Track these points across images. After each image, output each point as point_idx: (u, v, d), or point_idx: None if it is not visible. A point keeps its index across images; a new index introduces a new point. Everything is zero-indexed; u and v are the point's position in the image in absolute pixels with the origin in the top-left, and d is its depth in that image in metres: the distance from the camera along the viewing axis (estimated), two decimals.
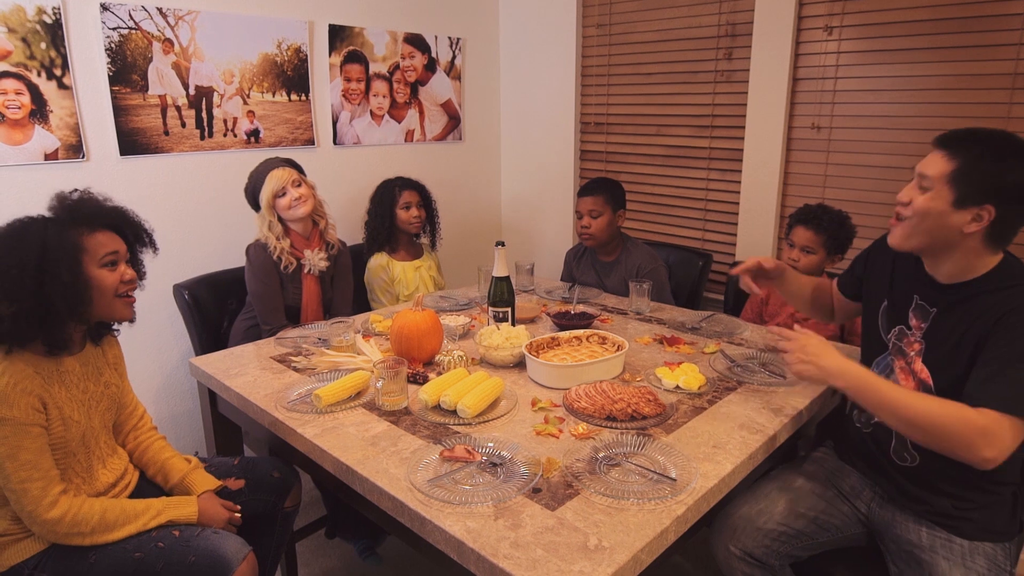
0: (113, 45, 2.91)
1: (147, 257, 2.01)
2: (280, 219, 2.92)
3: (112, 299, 1.83)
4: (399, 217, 3.44)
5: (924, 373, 1.82)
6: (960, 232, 1.68)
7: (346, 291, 3.17)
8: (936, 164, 1.69)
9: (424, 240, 3.65)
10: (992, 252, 1.73)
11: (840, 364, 1.79)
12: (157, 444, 2.12)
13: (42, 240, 1.69)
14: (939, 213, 1.69)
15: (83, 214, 1.80)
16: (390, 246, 3.49)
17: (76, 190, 1.87)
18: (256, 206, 2.95)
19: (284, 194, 2.87)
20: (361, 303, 3.50)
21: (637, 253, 3.31)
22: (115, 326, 2.00)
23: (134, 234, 1.93)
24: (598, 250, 3.38)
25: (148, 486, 2.06)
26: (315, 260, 2.94)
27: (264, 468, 2.20)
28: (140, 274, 1.96)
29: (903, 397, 1.69)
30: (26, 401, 1.67)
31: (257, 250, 2.88)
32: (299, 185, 2.90)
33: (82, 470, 1.84)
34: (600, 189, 3.26)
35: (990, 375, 1.63)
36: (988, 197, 1.64)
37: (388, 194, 3.46)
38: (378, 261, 3.45)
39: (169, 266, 3.18)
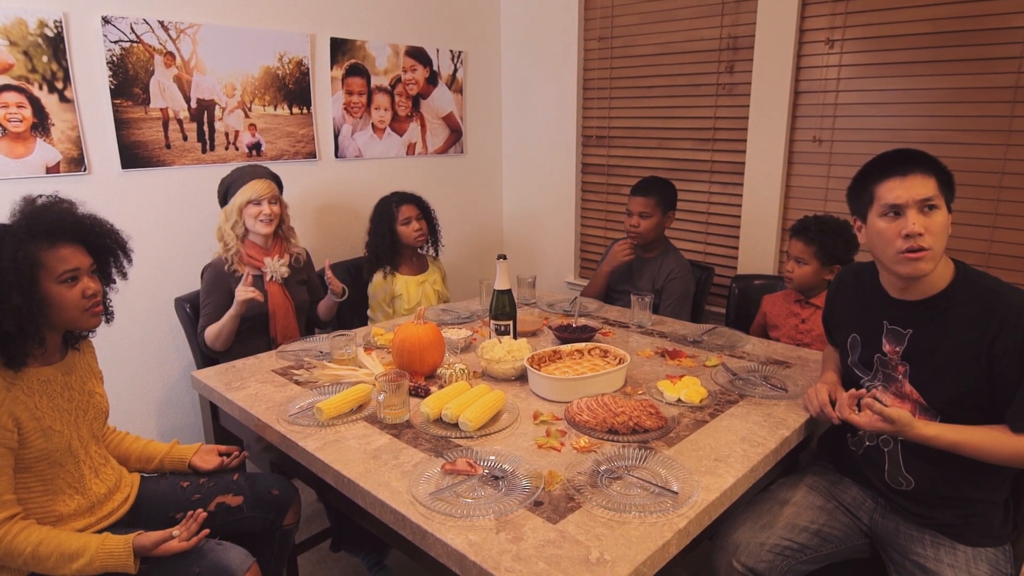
0: (115, 58, 2.92)
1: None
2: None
3: (77, 313, 1.78)
4: (401, 233, 3.41)
5: (915, 394, 1.85)
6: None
7: (320, 288, 3.20)
8: (926, 185, 1.75)
9: (429, 252, 3.63)
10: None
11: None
12: (129, 437, 2.17)
13: None
14: (947, 221, 1.77)
15: (44, 226, 1.72)
16: (392, 263, 3.44)
17: (42, 195, 1.81)
18: (223, 202, 2.93)
19: (259, 203, 2.86)
20: (362, 317, 3.50)
21: (672, 259, 3.33)
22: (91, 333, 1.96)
23: (100, 244, 1.85)
24: (639, 247, 3.38)
25: (148, 499, 2.06)
26: (276, 267, 2.92)
27: (264, 485, 2.18)
28: (109, 281, 1.92)
29: (958, 439, 1.73)
30: None
31: (210, 271, 2.87)
32: (275, 203, 2.90)
33: (73, 480, 1.83)
34: (653, 191, 3.27)
35: None
36: (953, 194, 1.77)
37: (387, 212, 3.41)
38: (379, 279, 3.43)
39: (171, 279, 3.19)
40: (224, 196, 2.93)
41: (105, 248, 1.88)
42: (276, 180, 2.98)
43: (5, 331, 1.65)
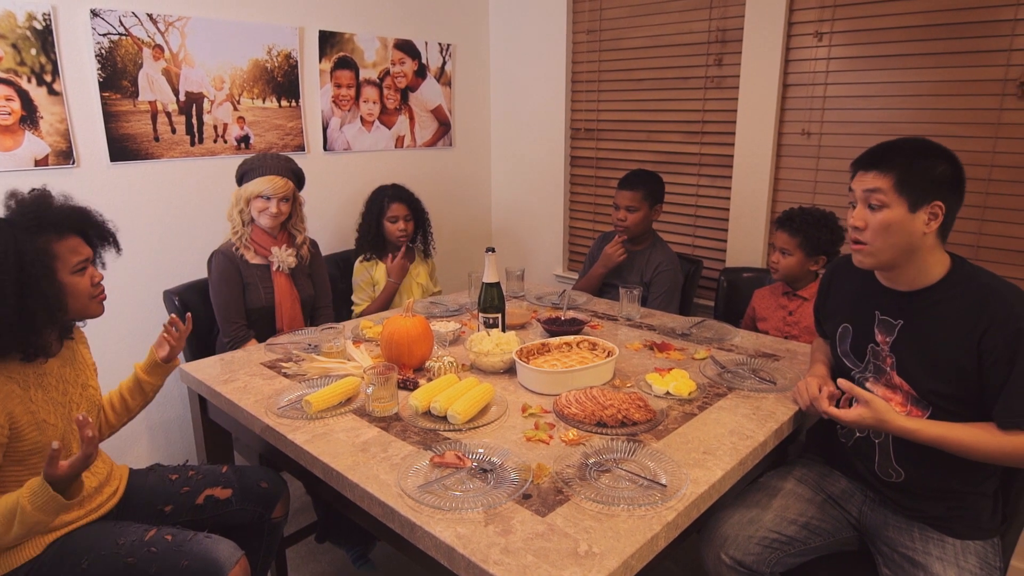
0: (103, 51, 2.91)
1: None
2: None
3: (87, 301, 1.86)
4: (386, 229, 3.45)
5: (905, 385, 1.86)
6: (921, 234, 1.76)
7: (325, 282, 3.22)
8: (876, 180, 1.77)
9: (418, 246, 3.63)
10: (942, 248, 1.82)
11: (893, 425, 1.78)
12: (106, 400, 2.19)
13: (17, 249, 1.66)
14: (900, 222, 1.75)
15: (51, 219, 1.78)
16: (376, 253, 3.49)
17: (34, 189, 1.84)
18: (239, 183, 2.94)
19: (268, 199, 2.86)
20: (349, 310, 3.50)
21: (660, 252, 3.35)
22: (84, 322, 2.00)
23: (98, 236, 1.93)
24: (627, 241, 3.39)
25: (137, 492, 2.06)
26: (283, 256, 2.93)
27: (252, 478, 2.19)
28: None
29: (942, 434, 1.73)
30: None
31: (218, 258, 2.88)
32: (286, 201, 2.91)
33: None
34: (640, 184, 3.28)
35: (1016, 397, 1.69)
36: (933, 194, 1.73)
37: (378, 204, 3.46)
38: (360, 265, 3.48)
39: (159, 272, 3.17)
40: (240, 179, 2.93)
41: (99, 238, 1.93)
42: (296, 177, 2.99)
43: (37, 319, 1.67)
